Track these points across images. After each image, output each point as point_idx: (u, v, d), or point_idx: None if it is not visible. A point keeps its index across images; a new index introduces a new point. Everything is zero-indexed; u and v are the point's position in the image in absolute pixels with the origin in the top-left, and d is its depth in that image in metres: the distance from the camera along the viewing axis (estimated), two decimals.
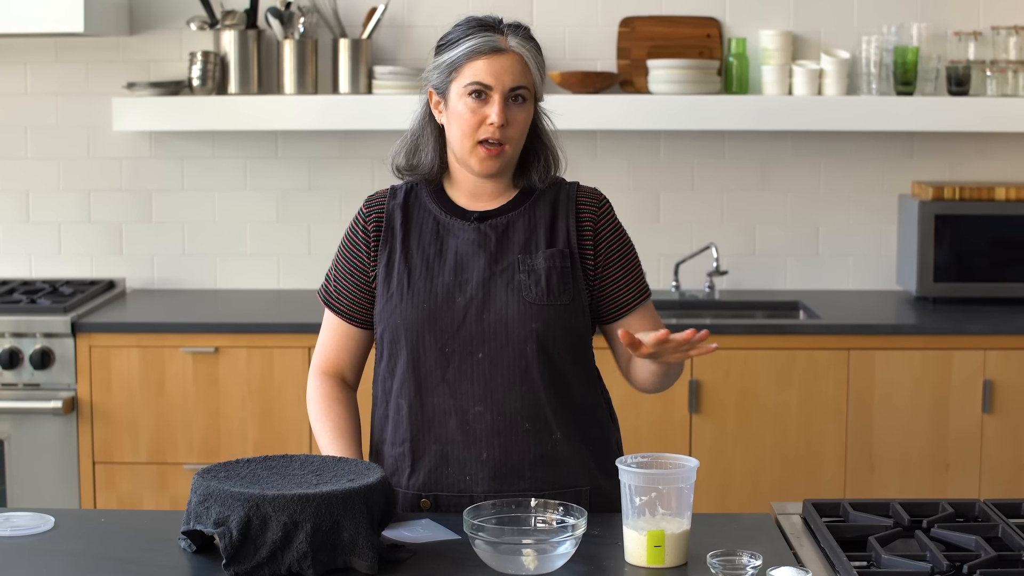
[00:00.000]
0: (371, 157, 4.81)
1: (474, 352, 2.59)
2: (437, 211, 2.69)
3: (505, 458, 2.59)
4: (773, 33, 4.66)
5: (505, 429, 2.59)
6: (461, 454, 2.60)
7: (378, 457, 2.70)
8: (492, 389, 2.60)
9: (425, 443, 2.62)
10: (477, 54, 2.58)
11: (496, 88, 2.58)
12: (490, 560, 2.27)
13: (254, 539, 2.23)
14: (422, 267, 2.64)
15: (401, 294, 2.63)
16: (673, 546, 2.30)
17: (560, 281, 2.62)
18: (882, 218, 4.83)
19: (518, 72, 2.59)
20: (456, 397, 2.60)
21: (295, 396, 4.27)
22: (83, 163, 4.85)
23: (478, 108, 2.59)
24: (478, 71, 2.58)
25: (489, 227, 2.66)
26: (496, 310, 2.60)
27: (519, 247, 2.64)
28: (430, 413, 2.61)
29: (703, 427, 4.27)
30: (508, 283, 2.62)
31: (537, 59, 2.63)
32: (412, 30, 4.78)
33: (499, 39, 2.59)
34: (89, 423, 4.29)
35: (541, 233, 2.66)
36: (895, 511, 2.50)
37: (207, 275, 4.88)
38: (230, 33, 4.65)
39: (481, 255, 2.64)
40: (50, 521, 2.50)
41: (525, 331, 2.60)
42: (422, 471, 2.62)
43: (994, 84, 4.64)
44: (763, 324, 4.43)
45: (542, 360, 2.61)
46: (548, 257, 2.64)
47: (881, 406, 4.25)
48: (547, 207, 2.68)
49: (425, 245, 2.66)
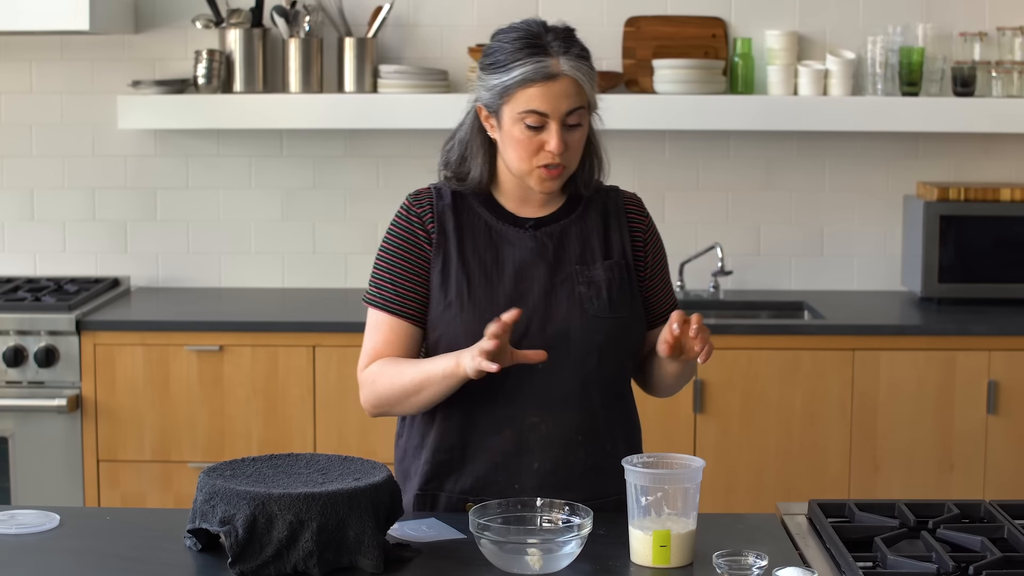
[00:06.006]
0: (376, 156, 4.81)
1: (534, 364, 2.54)
2: (488, 216, 2.64)
3: (556, 469, 2.58)
4: (778, 33, 4.66)
5: (559, 440, 2.58)
6: (512, 463, 2.58)
7: (414, 460, 2.65)
8: (550, 401, 2.58)
9: (475, 450, 2.59)
10: (530, 82, 2.51)
11: (552, 115, 2.52)
12: (495, 559, 2.27)
13: (260, 538, 2.23)
14: (480, 275, 2.58)
15: (461, 303, 2.58)
16: (679, 546, 2.30)
17: (620, 293, 2.61)
18: (887, 219, 4.83)
19: (573, 95, 2.53)
20: (512, 407, 2.57)
21: (299, 394, 4.27)
22: (88, 161, 4.85)
23: (535, 135, 2.53)
24: (532, 99, 2.51)
25: (545, 235, 2.63)
26: (558, 322, 2.57)
27: (575, 257, 2.62)
28: (484, 422, 2.58)
29: (708, 427, 4.27)
30: (569, 295, 2.59)
31: (589, 73, 2.56)
32: (417, 29, 4.78)
33: (551, 64, 2.51)
34: (93, 421, 4.29)
35: (595, 243, 2.64)
36: (901, 512, 2.50)
37: (212, 273, 4.89)
38: (235, 31, 4.65)
39: (541, 265, 2.60)
40: (55, 519, 2.51)
41: (588, 344, 2.58)
42: (470, 477, 2.60)
43: (999, 85, 4.63)
44: (768, 324, 4.43)
45: (601, 373, 2.60)
46: (607, 269, 2.62)
47: (886, 406, 4.25)
48: (598, 216, 2.67)
49: (481, 252, 2.61)
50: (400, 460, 2.72)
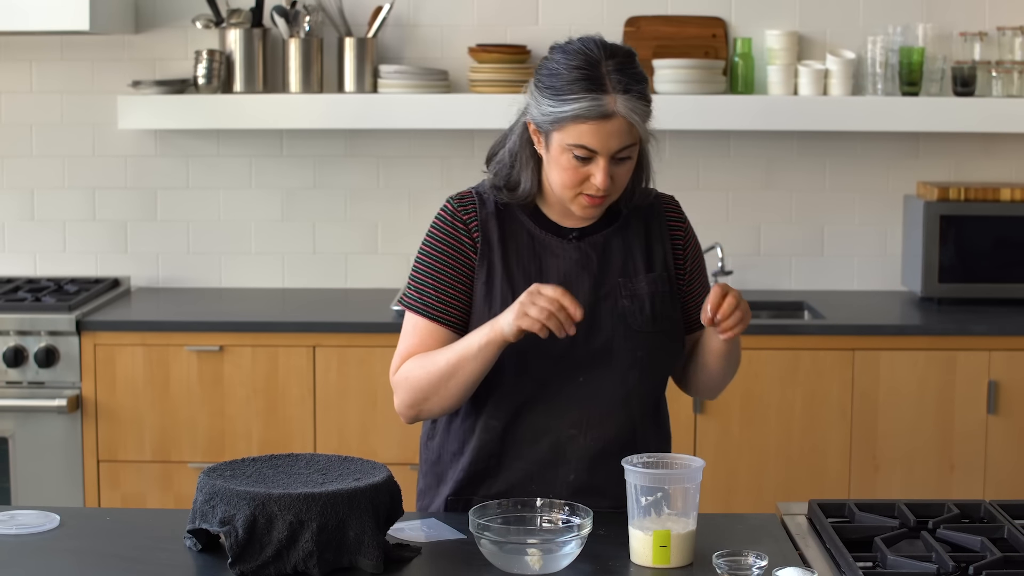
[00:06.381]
0: (376, 156, 4.81)
1: (575, 377, 2.54)
2: (531, 226, 2.60)
3: (591, 479, 2.57)
4: (779, 33, 4.65)
5: (597, 453, 2.57)
6: (547, 473, 2.58)
7: (451, 465, 2.64)
8: (590, 414, 2.57)
9: (512, 459, 2.59)
10: (583, 119, 2.44)
11: (602, 152, 2.46)
12: (495, 560, 2.27)
13: (260, 538, 2.23)
14: (524, 288, 2.52)
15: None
16: (679, 546, 2.30)
17: (662, 306, 2.59)
18: (887, 218, 4.83)
19: (625, 133, 2.47)
20: (552, 418, 2.57)
21: (299, 395, 4.27)
22: (88, 161, 4.85)
23: (581, 167, 2.48)
24: (583, 135, 2.45)
25: (589, 246, 2.60)
26: (602, 336, 2.54)
27: (618, 269, 2.59)
28: (522, 433, 2.58)
29: (708, 427, 4.27)
30: (612, 308, 2.57)
31: (645, 111, 2.49)
32: (417, 29, 4.78)
33: (607, 101, 2.43)
34: (94, 421, 4.29)
35: (638, 254, 2.61)
36: (901, 512, 2.50)
37: (212, 273, 4.89)
38: (235, 31, 4.65)
39: (585, 277, 2.58)
40: (55, 519, 2.51)
41: (630, 359, 2.57)
42: (504, 483, 2.59)
43: (999, 85, 4.63)
44: (768, 324, 4.43)
45: (643, 387, 2.59)
46: (651, 282, 2.60)
47: (886, 407, 4.25)
48: (640, 225, 2.63)
49: (525, 263, 2.58)
50: (433, 463, 2.69)
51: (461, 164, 4.78)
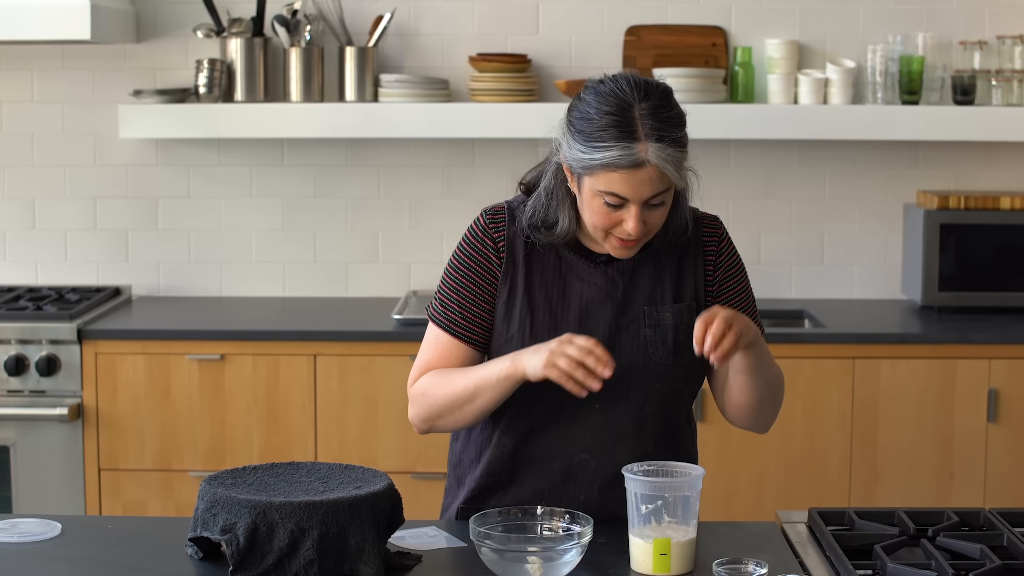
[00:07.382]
0: (377, 165, 4.82)
1: (591, 404, 2.52)
2: (560, 246, 2.57)
3: (603, 501, 2.56)
4: (779, 42, 4.66)
5: (609, 478, 2.56)
6: (558, 491, 2.58)
7: (469, 471, 2.65)
8: (603, 441, 2.56)
9: (524, 476, 2.59)
10: (614, 167, 2.38)
11: (633, 200, 2.41)
12: (496, 568, 2.27)
13: (261, 546, 2.24)
14: (545, 311, 2.52)
15: (523, 338, 2.53)
16: (679, 554, 2.30)
17: (686, 338, 2.52)
18: (887, 227, 4.83)
19: (657, 180, 2.40)
20: (565, 442, 2.56)
21: (300, 403, 4.27)
22: (89, 170, 4.85)
23: (612, 212, 2.43)
24: (614, 183, 2.39)
25: (616, 272, 2.56)
26: (620, 364, 2.48)
27: (644, 297, 2.56)
28: (535, 454, 2.58)
29: (708, 435, 4.26)
30: (633, 337, 2.55)
31: (678, 158, 2.40)
32: (418, 38, 4.79)
33: (638, 150, 2.36)
34: (95, 430, 4.29)
35: (667, 282, 2.58)
36: (900, 520, 2.50)
37: (213, 282, 4.89)
38: (236, 41, 4.66)
39: (608, 305, 2.55)
40: (57, 528, 2.51)
41: (647, 389, 2.56)
42: (515, 498, 2.59)
43: (999, 93, 4.64)
44: (768, 333, 4.41)
45: (658, 417, 2.58)
46: (676, 313, 2.56)
47: (886, 415, 4.25)
48: (674, 252, 2.59)
49: (548, 285, 2.55)
50: (455, 465, 2.71)
51: (462, 173, 4.79)
